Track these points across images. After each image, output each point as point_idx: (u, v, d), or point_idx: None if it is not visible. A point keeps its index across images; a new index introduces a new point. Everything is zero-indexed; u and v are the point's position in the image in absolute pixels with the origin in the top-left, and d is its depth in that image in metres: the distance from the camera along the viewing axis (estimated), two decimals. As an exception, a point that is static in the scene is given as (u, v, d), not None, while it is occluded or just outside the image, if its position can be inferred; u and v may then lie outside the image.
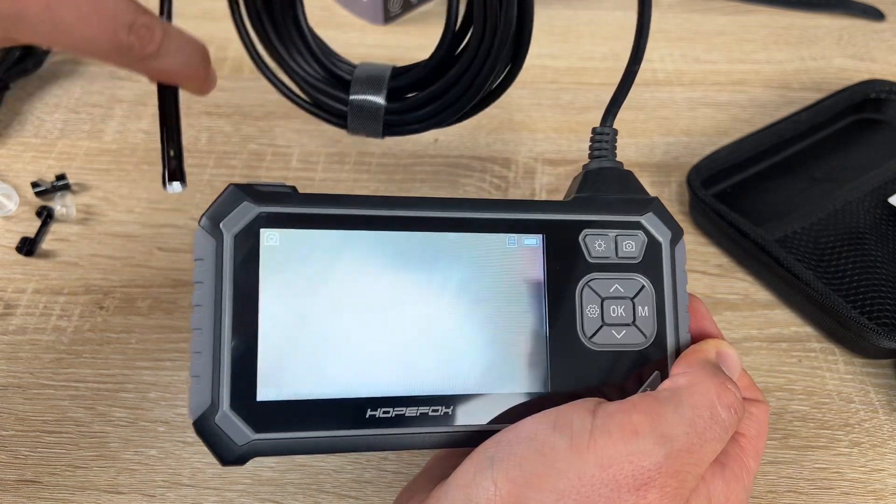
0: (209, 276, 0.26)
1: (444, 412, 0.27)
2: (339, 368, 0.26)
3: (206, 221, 0.26)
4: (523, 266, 0.28)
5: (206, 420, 0.25)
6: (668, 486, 0.23)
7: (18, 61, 0.55)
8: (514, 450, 0.24)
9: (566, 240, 0.29)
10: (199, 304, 0.26)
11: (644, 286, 0.29)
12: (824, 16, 0.65)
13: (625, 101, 0.32)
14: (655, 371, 0.28)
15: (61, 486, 0.35)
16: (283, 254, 0.26)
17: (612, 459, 0.23)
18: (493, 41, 0.32)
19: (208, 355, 0.25)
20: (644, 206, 0.29)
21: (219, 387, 0.25)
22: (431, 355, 0.27)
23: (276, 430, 0.25)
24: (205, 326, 0.25)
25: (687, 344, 0.29)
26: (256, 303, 0.26)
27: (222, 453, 0.25)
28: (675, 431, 0.24)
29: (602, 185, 0.30)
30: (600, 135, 0.32)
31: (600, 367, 0.28)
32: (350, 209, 0.27)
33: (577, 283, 0.28)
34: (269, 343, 0.26)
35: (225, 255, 0.26)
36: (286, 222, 0.27)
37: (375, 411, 0.26)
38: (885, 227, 0.45)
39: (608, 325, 0.28)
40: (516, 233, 0.28)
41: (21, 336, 0.41)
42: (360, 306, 0.27)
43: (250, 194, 0.26)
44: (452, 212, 0.28)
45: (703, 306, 0.30)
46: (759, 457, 0.27)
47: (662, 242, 0.29)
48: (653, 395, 0.25)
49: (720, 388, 0.26)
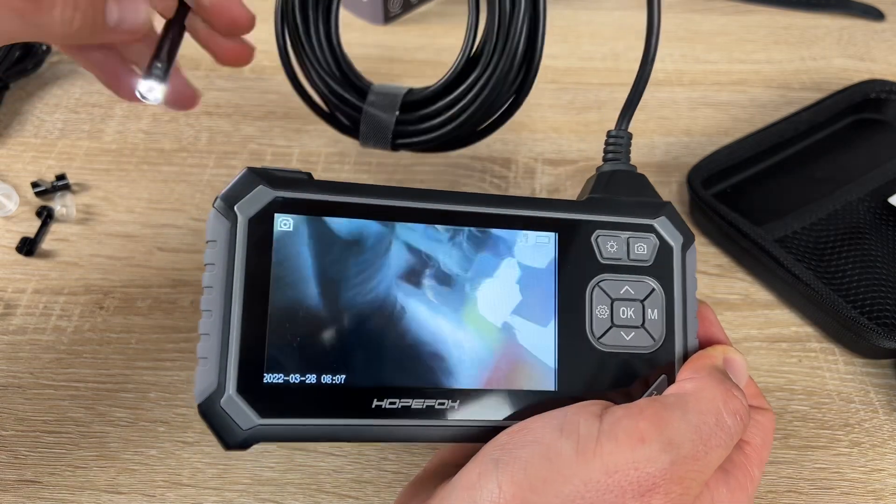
0: (221, 259, 0.25)
1: (450, 406, 0.27)
2: (346, 356, 0.26)
3: (220, 203, 0.26)
4: (535, 263, 0.28)
5: (211, 403, 0.25)
6: (673, 493, 0.23)
7: (18, 61, 0.55)
8: (520, 453, 0.24)
9: (578, 239, 0.29)
10: (209, 286, 0.25)
11: (654, 289, 0.29)
12: (824, 16, 0.65)
13: (639, 103, 0.32)
14: (662, 375, 0.28)
15: (61, 486, 0.35)
16: (296, 239, 0.26)
17: (618, 466, 0.23)
18: (498, 68, 0.34)
19: (216, 338, 0.25)
20: (657, 210, 0.30)
21: (226, 370, 0.25)
22: (440, 348, 0.27)
23: (282, 415, 0.25)
24: (214, 309, 0.25)
25: (695, 349, 0.29)
26: (267, 287, 0.26)
27: (226, 437, 0.25)
28: (681, 438, 0.24)
29: (615, 187, 0.31)
30: (615, 138, 0.32)
31: (608, 367, 0.28)
32: (364, 198, 0.27)
33: (587, 283, 0.28)
34: (277, 328, 0.26)
35: (238, 237, 0.26)
36: (301, 208, 0.26)
37: (382, 401, 0.26)
38: (885, 227, 0.45)
39: (617, 326, 0.28)
40: (529, 230, 0.28)
41: (21, 336, 0.41)
42: (371, 296, 0.27)
43: (266, 178, 0.26)
44: (467, 206, 0.28)
45: (712, 313, 0.30)
46: (764, 465, 0.27)
47: (674, 247, 0.29)
48: (659, 400, 0.25)
49: (726, 395, 0.25)
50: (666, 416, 0.24)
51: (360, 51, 0.59)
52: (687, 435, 0.24)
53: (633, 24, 0.64)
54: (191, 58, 0.59)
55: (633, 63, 0.33)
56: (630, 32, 0.63)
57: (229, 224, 0.26)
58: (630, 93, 0.32)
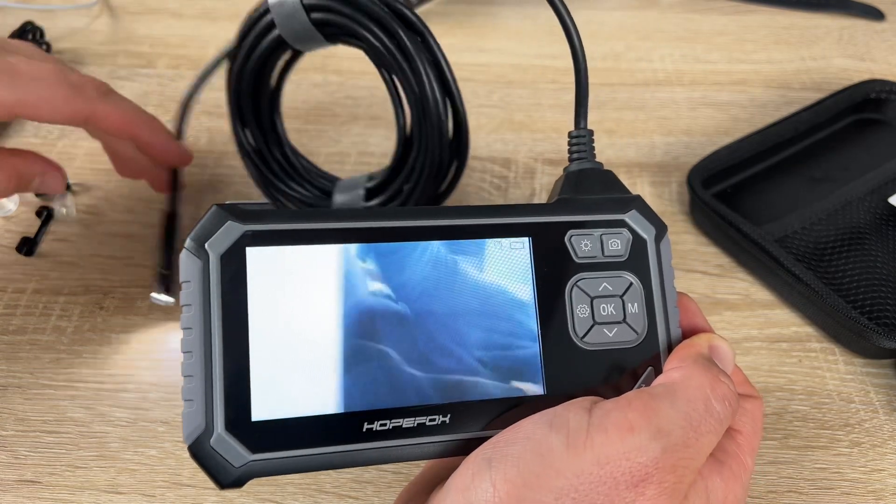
0: (197, 298, 0.25)
1: (442, 420, 0.26)
2: (332, 383, 0.26)
3: (190, 243, 0.26)
4: (512, 270, 0.28)
5: (201, 444, 0.24)
6: (666, 482, 0.23)
7: (18, 61, 0.55)
8: (511, 451, 0.24)
9: (552, 242, 0.29)
10: (187, 328, 0.25)
11: (632, 283, 0.29)
12: (824, 16, 0.65)
13: (588, 101, 0.33)
14: (649, 367, 0.28)
15: (61, 486, 0.35)
16: (270, 271, 0.26)
17: (609, 457, 0.23)
18: (435, 156, 0.37)
19: (200, 379, 0.25)
20: (627, 205, 0.30)
21: (212, 409, 0.25)
22: (425, 364, 0.27)
23: (274, 449, 0.25)
24: (195, 350, 0.25)
25: (678, 339, 0.29)
26: (246, 322, 0.25)
27: (219, 476, 0.25)
28: (671, 426, 0.24)
29: (583, 186, 0.31)
30: (577, 137, 0.32)
31: (594, 366, 0.28)
32: (334, 223, 0.27)
33: (566, 284, 0.28)
34: (261, 362, 0.25)
35: (212, 275, 0.25)
36: (271, 239, 0.26)
37: (372, 424, 0.26)
38: (885, 227, 0.45)
39: (599, 323, 0.28)
40: (503, 237, 0.28)
41: (21, 336, 0.41)
42: (351, 319, 0.26)
43: (234, 213, 0.26)
44: (438, 220, 0.28)
45: (694, 303, 0.30)
46: (755, 453, 0.27)
47: (647, 239, 0.29)
48: (647, 390, 0.25)
49: (714, 381, 0.26)
50: (654, 406, 0.24)
51: (359, 51, 0.59)
52: (676, 422, 0.24)
53: (633, 24, 0.64)
54: (191, 58, 0.59)
55: (634, 63, 0.33)
56: (630, 32, 0.63)
57: (201, 263, 0.25)
58: (575, 91, 0.32)
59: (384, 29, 0.35)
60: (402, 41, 0.35)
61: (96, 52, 0.59)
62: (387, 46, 0.35)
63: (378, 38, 0.35)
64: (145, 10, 0.64)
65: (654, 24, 0.64)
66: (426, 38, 0.36)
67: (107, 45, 0.60)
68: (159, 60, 0.59)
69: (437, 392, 0.27)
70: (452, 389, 0.27)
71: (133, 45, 0.60)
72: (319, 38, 0.37)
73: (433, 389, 0.27)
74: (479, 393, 0.27)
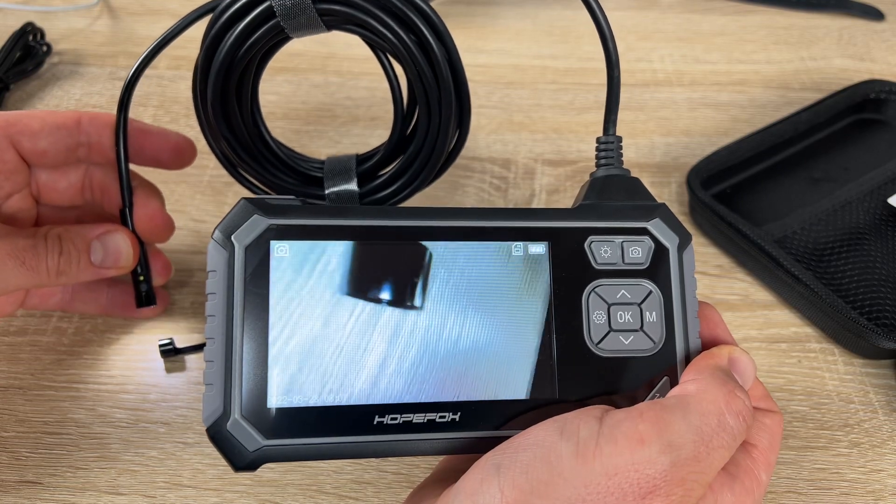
0: (221, 287, 0.26)
1: (452, 419, 0.27)
2: (347, 376, 0.27)
3: (218, 234, 0.27)
4: (530, 273, 0.28)
5: (218, 427, 0.26)
6: (674, 495, 0.23)
7: (19, 62, 0.56)
8: (521, 457, 0.24)
9: (572, 247, 0.29)
10: (211, 315, 0.26)
11: (651, 291, 0.29)
12: (824, 16, 0.65)
13: (619, 106, 0.32)
14: (665, 377, 0.28)
15: (62, 487, 0.35)
16: (292, 264, 0.27)
17: (618, 468, 0.23)
18: (440, 117, 0.35)
19: (220, 364, 0.26)
20: (650, 212, 0.29)
21: (231, 395, 0.26)
22: (438, 362, 0.27)
23: (287, 436, 0.26)
24: (217, 336, 0.26)
25: (697, 350, 0.29)
26: (267, 312, 0.27)
27: (234, 459, 0.26)
28: (682, 440, 0.24)
29: (609, 192, 0.31)
30: (605, 143, 0.32)
31: (608, 373, 0.28)
32: (357, 220, 0.28)
33: (583, 290, 0.28)
34: (279, 351, 0.26)
35: (236, 266, 0.27)
36: (295, 234, 0.27)
37: (383, 418, 0.27)
38: (885, 227, 0.45)
39: (615, 330, 0.28)
40: (522, 240, 0.28)
41: (22, 337, 0.41)
42: (368, 315, 0.27)
43: (261, 207, 0.27)
44: (459, 221, 0.28)
45: (717, 313, 0.30)
46: (772, 469, 0.27)
47: (670, 248, 0.29)
48: (660, 402, 0.25)
49: (729, 396, 0.25)
50: (666, 418, 0.24)
51: (359, 51, 0.59)
52: (688, 436, 0.24)
53: (633, 24, 0.64)
54: (191, 59, 0.59)
55: (633, 63, 0.33)
56: (630, 33, 0.63)
57: (227, 254, 0.27)
58: (607, 98, 0.32)
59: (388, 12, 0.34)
60: (408, 16, 0.34)
61: (97, 52, 0.59)
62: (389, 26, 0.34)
63: (381, 22, 0.34)
64: (146, 11, 0.64)
65: (654, 25, 0.64)
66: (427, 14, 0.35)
67: (107, 46, 0.60)
68: (159, 61, 0.59)
69: (449, 390, 0.27)
70: (464, 388, 0.27)
71: (133, 46, 0.60)
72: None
73: (445, 387, 0.27)
74: (490, 393, 0.27)
